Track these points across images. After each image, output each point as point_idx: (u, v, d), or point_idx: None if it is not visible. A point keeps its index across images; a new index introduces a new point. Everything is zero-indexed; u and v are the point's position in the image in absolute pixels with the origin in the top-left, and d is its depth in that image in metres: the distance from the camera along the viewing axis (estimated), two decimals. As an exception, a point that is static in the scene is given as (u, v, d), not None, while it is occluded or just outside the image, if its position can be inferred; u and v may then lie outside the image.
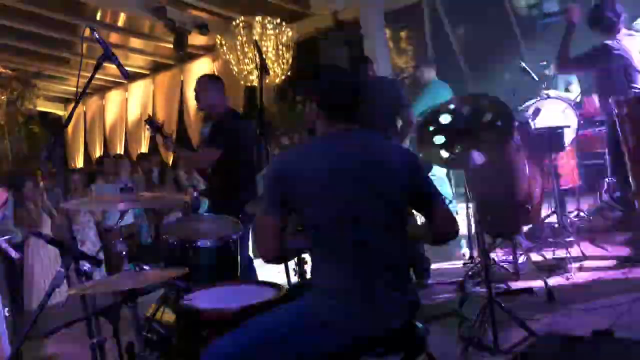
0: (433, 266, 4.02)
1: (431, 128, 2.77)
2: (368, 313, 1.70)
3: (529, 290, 3.32)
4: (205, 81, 3.73)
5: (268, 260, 1.82)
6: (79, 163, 11.32)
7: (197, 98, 3.74)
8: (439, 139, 2.76)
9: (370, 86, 3.91)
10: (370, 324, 1.70)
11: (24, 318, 4.52)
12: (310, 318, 1.70)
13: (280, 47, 7.41)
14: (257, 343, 1.68)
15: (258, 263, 3.68)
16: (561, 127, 4.21)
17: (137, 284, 1.87)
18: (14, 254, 3.07)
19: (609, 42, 3.66)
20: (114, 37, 8.40)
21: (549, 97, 4.54)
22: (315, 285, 1.80)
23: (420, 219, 2.03)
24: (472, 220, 3.95)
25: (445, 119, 2.73)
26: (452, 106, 2.75)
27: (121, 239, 2.50)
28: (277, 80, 7.48)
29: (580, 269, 3.62)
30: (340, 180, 1.74)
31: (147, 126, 3.64)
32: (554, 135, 4.16)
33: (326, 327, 1.68)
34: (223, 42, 7.56)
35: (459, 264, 4.29)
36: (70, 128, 10.92)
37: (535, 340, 2.52)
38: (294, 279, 2.83)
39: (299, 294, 1.89)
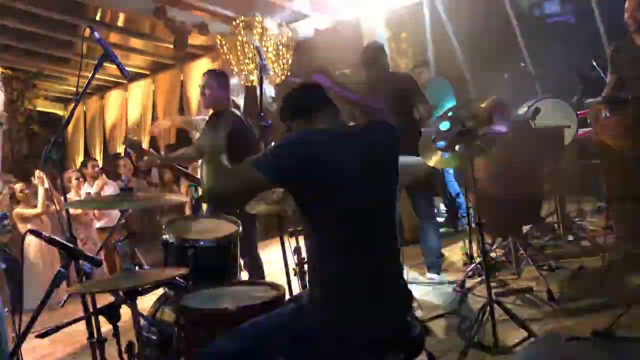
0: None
1: (432, 137, 2.95)
2: (377, 307, 1.69)
3: (529, 290, 3.32)
4: (210, 76, 3.69)
5: (220, 201, 1.80)
6: (78, 163, 11.31)
7: (202, 93, 3.70)
8: (441, 144, 2.89)
9: (389, 75, 4.07)
10: (381, 320, 1.69)
11: (23, 318, 4.51)
12: (313, 324, 1.68)
13: (280, 47, 7.40)
14: (255, 345, 1.68)
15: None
16: (561, 127, 4.21)
17: (137, 284, 1.87)
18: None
19: None
20: (114, 37, 8.39)
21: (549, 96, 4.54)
22: (321, 279, 1.73)
23: None
24: (472, 219, 3.95)
25: (444, 126, 2.89)
26: (450, 114, 2.92)
27: (121, 239, 2.50)
28: (277, 80, 7.47)
29: (580, 269, 3.62)
30: (368, 171, 1.74)
31: (129, 149, 3.59)
32: (553, 135, 4.16)
33: (330, 332, 1.65)
34: (223, 42, 7.56)
35: (459, 263, 4.30)
36: (70, 128, 10.90)
37: (535, 340, 2.52)
38: (294, 279, 2.83)
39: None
